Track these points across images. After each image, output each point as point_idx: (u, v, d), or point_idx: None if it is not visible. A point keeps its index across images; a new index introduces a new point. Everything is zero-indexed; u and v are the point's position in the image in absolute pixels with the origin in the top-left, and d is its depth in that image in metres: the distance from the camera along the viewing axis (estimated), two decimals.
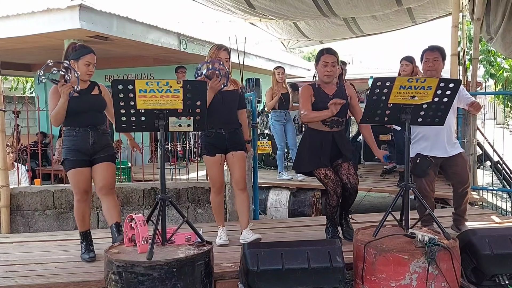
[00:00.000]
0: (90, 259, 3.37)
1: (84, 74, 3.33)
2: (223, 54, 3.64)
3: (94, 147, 3.36)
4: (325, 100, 3.49)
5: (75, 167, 3.33)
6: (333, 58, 3.53)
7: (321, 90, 3.59)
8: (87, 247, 3.45)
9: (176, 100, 2.71)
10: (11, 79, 14.25)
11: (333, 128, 3.59)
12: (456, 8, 5.77)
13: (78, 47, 3.38)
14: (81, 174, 3.35)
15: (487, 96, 11.14)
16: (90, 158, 3.38)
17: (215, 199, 3.78)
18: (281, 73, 6.44)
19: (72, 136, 3.34)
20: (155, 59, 9.42)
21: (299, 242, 2.95)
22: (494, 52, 9.95)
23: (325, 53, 3.55)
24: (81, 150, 3.33)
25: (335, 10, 6.69)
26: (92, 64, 3.36)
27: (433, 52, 3.72)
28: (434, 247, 2.54)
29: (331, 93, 3.58)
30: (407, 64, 5.52)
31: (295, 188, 6.23)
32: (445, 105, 2.88)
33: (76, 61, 3.32)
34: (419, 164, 3.64)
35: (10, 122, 8.94)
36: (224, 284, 3.02)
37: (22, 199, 5.04)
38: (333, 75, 3.56)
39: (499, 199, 6.44)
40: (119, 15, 6.63)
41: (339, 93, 3.60)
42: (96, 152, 3.38)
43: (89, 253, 3.41)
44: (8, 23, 6.42)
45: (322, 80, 3.60)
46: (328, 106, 3.40)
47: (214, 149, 3.66)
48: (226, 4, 6.96)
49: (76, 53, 3.34)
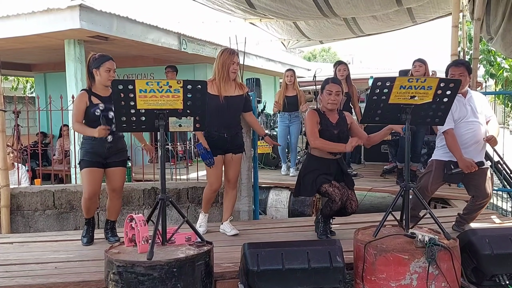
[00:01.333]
0: (87, 243, 3.77)
1: (106, 80, 3.55)
2: (236, 59, 3.82)
3: (109, 151, 3.60)
4: (330, 129, 3.66)
5: (89, 166, 3.58)
6: (338, 88, 3.63)
7: (326, 118, 3.70)
8: (88, 230, 3.82)
9: (176, 100, 2.71)
10: (11, 79, 14.25)
11: (336, 156, 3.72)
12: (456, 8, 5.78)
13: (98, 56, 3.60)
14: (94, 174, 3.58)
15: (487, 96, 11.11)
16: (105, 161, 3.62)
17: (209, 195, 4.00)
18: (290, 75, 6.56)
19: (91, 140, 3.56)
20: (155, 59, 9.41)
21: (299, 242, 2.94)
22: (494, 52, 9.95)
23: (330, 82, 3.66)
24: (97, 153, 3.57)
25: (335, 10, 6.69)
26: (112, 70, 3.59)
27: (459, 67, 3.64)
28: (434, 247, 2.54)
29: (335, 122, 3.71)
30: (420, 65, 5.54)
31: None
32: (445, 105, 2.88)
33: (97, 69, 3.54)
34: (457, 172, 3.58)
35: (10, 122, 8.95)
36: (224, 284, 3.02)
37: (22, 199, 5.05)
38: (337, 103, 3.68)
39: (499, 199, 6.43)
40: (119, 15, 6.62)
41: (341, 122, 3.73)
42: (111, 155, 3.62)
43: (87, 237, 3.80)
44: (8, 23, 6.41)
45: (326, 107, 3.70)
46: (346, 146, 3.51)
47: (216, 151, 3.79)
48: (227, 4, 6.96)
49: (96, 62, 3.57)
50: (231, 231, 3.98)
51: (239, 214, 4.69)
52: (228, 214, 4.06)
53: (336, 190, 3.60)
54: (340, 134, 3.67)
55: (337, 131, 3.66)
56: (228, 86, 3.80)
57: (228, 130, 3.81)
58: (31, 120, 5.57)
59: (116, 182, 3.70)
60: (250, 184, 4.77)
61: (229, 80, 3.78)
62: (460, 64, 3.69)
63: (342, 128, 3.70)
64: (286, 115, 6.60)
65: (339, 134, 3.67)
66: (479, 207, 3.76)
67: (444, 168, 3.65)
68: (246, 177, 4.67)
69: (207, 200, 4.03)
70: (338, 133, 3.66)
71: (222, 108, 3.73)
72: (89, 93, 3.57)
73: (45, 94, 9.67)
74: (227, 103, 3.75)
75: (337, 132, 3.66)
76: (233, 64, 3.77)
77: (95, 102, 3.53)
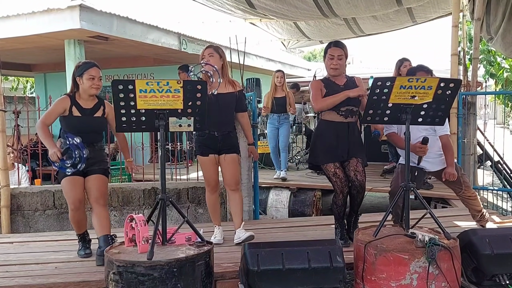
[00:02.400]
0: (85, 255, 3.48)
1: (89, 88, 3.38)
2: (206, 52, 3.66)
3: (88, 162, 3.35)
4: (337, 90, 3.51)
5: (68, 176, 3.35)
6: (340, 51, 3.51)
7: (332, 82, 3.58)
8: (84, 245, 3.56)
9: (176, 100, 2.71)
10: (12, 79, 14.26)
11: (347, 118, 3.55)
12: (457, 8, 5.78)
13: (81, 64, 3.46)
14: (74, 182, 3.35)
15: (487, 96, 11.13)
16: (84, 170, 3.37)
17: (210, 197, 3.81)
18: (280, 76, 6.51)
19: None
20: (155, 59, 9.43)
21: (300, 242, 2.94)
22: (494, 52, 9.95)
23: (332, 46, 3.53)
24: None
25: (335, 10, 6.69)
26: (97, 77, 3.40)
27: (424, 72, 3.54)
28: (434, 247, 2.54)
29: (342, 84, 3.58)
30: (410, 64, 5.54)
31: (296, 188, 6.24)
32: (445, 105, 2.88)
33: (80, 77, 3.38)
34: (418, 177, 3.59)
35: (11, 122, 8.95)
36: (224, 284, 3.02)
37: (23, 199, 5.05)
38: (339, 68, 3.54)
39: (500, 199, 6.43)
40: (119, 15, 6.63)
41: (350, 83, 3.59)
42: (89, 166, 3.38)
43: (85, 250, 3.52)
44: (8, 23, 6.42)
45: (329, 74, 3.60)
46: (349, 91, 3.40)
47: (207, 150, 3.67)
48: (227, 4, 6.96)
49: (79, 70, 3.40)
50: (245, 235, 3.70)
51: None
52: (237, 220, 3.77)
53: (338, 181, 3.52)
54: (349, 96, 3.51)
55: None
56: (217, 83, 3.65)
57: (218, 128, 3.62)
58: (31, 120, 5.57)
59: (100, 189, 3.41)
60: (250, 184, 4.77)
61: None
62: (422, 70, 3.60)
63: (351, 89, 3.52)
64: (275, 117, 6.56)
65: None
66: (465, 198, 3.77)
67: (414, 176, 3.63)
68: (246, 177, 4.67)
69: (211, 205, 3.82)
70: None
71: (212, 105, 3.54)
72: (72, 101, 3.38)
73: (45, 94, 9.68)
74: (217, 100, 3.59)
75: None
76: (203, 58, 3.62)
77: (75, 114, 3.36)
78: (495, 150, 6.72)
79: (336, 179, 3.54)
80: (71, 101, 3.38)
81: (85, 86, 3.37)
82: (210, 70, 3.59)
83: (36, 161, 7.03)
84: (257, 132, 5.37)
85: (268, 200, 6.24)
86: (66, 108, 3.36)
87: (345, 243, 3.52)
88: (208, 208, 3.89)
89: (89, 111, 3.42)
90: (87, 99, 3.43)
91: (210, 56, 3.62)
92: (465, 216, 4.38)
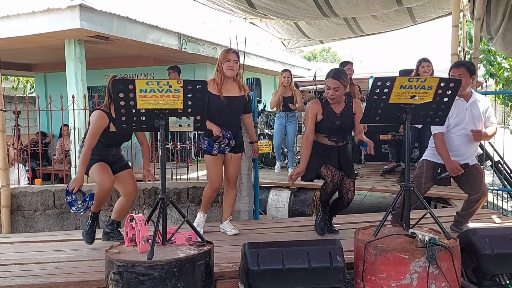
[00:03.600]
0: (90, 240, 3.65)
1: None
2: (231, 56, 3.73)
3: (114, 158, 3.65)
4: (332, 119, 3.65)
5: (99, 162, 3.52)
6: (336, 84, 3.58)
7: (330, 108, 3.68)
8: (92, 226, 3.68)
9: (176, 100, 2.71)
10: (12, 79, 14.25)
11: (338, 144, 3.72)
12: (457, 8, 5.78)
13: (125, 79, 3.50)
14: (105, 166, 3.54)
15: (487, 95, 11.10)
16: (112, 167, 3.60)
17: (210, 194, 3.97)
18: (287, 76, 6.62)
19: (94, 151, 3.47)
20: (155, 59, 9.42)
21: (300, 242, 2.94)
22: (495, 52, 9.96)
23: (330, 77, 3.62)
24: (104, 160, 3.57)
25: (336, 10, 6.69)
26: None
27: (458, 68, 3.58)
28: (434, 246, 2.54)
29: (339, 112, 3.68)
30: (428, 65, 5.55)
31: (296, 188, 6.24)
32: (445, 104, 2.88)
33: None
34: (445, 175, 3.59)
35: (11, 122, 8.95)
36: (224, 284, 3.02)
37: (23, 199, 5.05)
38: (335, 98, 3.63)
39: (500, 199, 6.43)
40: (119, 15, 6.63)
41: (346, 111, 3.70)
42: (115, 161, 3.65)
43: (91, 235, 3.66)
44: (9, 23, 6.41)
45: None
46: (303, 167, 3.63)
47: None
48: (227, 3, 6.96)
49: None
50: (231, 231, 3.98)
51: (239, 214, 4.69)
52: (228, 213, 4.06)
53: (328, 172, 3.64)
54: (341, 125, 3.66)
55: (339, 122, 3.65)
56: (229, 86, 3.78)
57: (228, 129, 3.79)
58: (31, 120, 5.57)
59: (134, 185, 3.73)
60: (250, 184, 4.77)
61: (226, 79, 3.74)
62: (460, 65, 3.63)
63: (345, 119, 3.67)
64: (283, 115, 6.70)
65: (340, 125, 3.66)
66: (474, 201, 3.71)
67: (433, 170, 3.66)
68: (246, 177, 4.67)
69: (207, 199, 4.00)
70: (340, 124, 3.66)
71: (223, 108, 3.72)
72: (110, 117, 3.44)
73: (45, 94, 9.67)
74: (228, 103, 3.74)
75: (339, 123, 3.65)
76: (228, 61, 3.70)
77: (111, 129, 3.45)
78: (495, 150, 6.72)
79: (326, 170, 3.66)
80: (109, 118, 3.45)
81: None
82: (225, 140, 3.79)
83: (36, 160, 7.04)
84: (257, 132, 5.37)
85: (268, 200, 6.24)
86: (106, 125, 3.46)
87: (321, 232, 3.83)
88: (203, 198, 4.03)
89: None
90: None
91: (235, 63, 3.74)
92: None
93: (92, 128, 3.42)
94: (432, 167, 3.67)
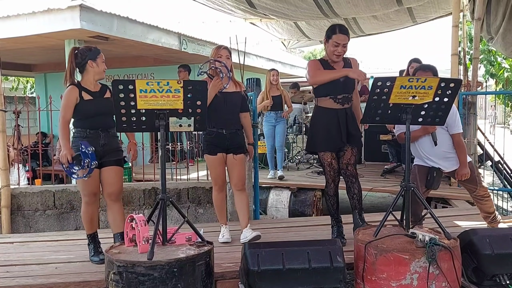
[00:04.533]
0: (100, 261, 3.27)
1: (103, 71, 3.40)
2: (223, 52, 3.69)
3: (104, 149, 3.32)
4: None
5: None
6: (346, 39, 3.46)
7: (330, 66, 3.56)
8: (95, 249, 3.43)
9: (176, 100, 2.72)
10: (12, 79, 14.26)
11: (344, 105, 3.56)
12: (457, 8, 5.78)
13: (93, 48, 3.41)
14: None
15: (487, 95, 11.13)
16: (100, 160, 3.30)
17: (218, 196, 3.81)
18: (275, 74, 6.60)
19: (82, 138, 3.28)
20: (155, 59, 9.42)
21: (300, 242, 2.94)
22: (495, 52, 9.95)
23: (337, 33, 3.45)
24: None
25: (336, 10, 6.69)
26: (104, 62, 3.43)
27: (426, 72, 3.50)
28: (434, 247, 2.54)
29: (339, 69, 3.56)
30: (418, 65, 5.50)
31: (296, 188, 6.24)
32: (445, 104, 2.88)
33: (93, 60, 3.35)
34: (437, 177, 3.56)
35: (11, 122, 8.94)
36: (224, 284, 3.02)
37: (23, 199, 5.05)
38: (342, 55, 3.52)
39: (500, 199, 6.43)
40: (119, 15, 6.63)
41: (347, 67, 3.57)
42: (106, 154, 3.34)
43: (98, 255, 3.37)
44: (9, 23, 6.41)
45: (330, 59, 3.56)
46: (349, 70, 3.40)
47: (216, 148, 3.69)
48: (227, 3, 6.97)
49: (92, 53, 3.36)
50: (251, 234, 3.65)
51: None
52: (245, 219, 3.74)
53: (331, 171, 3.59)
54: (346, 81, 3.49)
55: (343, 79, 3.47)
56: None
57: (226, 127, 3.68)
58: (31, 120, 5.57)
59: (116, 184, 3.37)
60: (250, 184, 4.77)
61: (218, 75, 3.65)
62: (427, 69, 3.55)
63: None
64: (272, 114, 6.62)
65: (345, 81, 3.49)
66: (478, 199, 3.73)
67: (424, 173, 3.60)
68: (246, 177, 4.66)
69: (218, 205, 3.83)
70: (344, 80, 3.48)
71: (219, 103, 3.62)
72: (79, 87, 3.30)
73: (46, 94, 9.67)
74: (225, 99, 3.65)
75: (343, 79, 3.47)
76: (219, 57, 3.65)
77: (86, 98, 3.29)
78: (496, 150, 6.72)
79: (330, 169, 3.61)
80: (79, 88, 3.31)
81: (100, 68, 3.36)
82: (219, 66, 3.62)
83: (37, 161, 7.04)
84: (257, 132, 5.37)
85: (268, 200, 6.24)
86: (77, 95, 3.28)
87: (343, 242, 3.51)
88: (215, 207, 3.89)
89: (99, 94, 3.39)
90: (94, 84, 3.39)
91: (227, 58, 3.69)
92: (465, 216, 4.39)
93: (63, 101, 3.30)
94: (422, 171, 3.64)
